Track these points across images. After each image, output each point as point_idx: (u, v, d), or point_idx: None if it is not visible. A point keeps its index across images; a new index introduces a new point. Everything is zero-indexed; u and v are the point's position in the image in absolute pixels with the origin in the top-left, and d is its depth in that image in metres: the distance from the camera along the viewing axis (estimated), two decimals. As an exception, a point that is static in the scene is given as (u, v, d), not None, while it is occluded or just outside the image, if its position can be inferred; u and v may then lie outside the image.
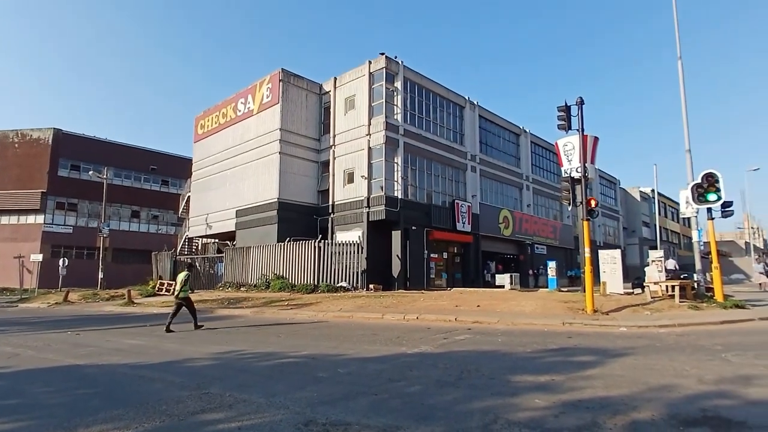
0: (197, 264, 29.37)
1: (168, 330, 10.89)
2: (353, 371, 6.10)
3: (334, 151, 26.73)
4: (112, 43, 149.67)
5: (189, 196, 34.30)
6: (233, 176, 29.17)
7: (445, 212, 27.25)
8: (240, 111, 29.40)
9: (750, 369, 5.61)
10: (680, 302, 13.20)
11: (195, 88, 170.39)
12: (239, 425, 3.94)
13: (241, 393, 5.00)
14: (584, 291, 12.75)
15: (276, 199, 25.51)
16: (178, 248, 34.56)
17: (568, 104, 12.93)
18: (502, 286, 24.14)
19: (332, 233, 25.76)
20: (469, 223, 28.32)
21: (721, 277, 14.53)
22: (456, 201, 27.87)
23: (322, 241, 22.77)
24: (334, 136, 26.84)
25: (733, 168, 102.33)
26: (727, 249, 61.09)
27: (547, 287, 24.23)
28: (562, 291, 21.01)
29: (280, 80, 26.46)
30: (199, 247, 35.15)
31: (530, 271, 32.37)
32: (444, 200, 27.77)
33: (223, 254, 27.10)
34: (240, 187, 28.34)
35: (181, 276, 11.68)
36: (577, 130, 13.03)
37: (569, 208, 14.50)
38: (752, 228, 58.87)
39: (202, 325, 11.60)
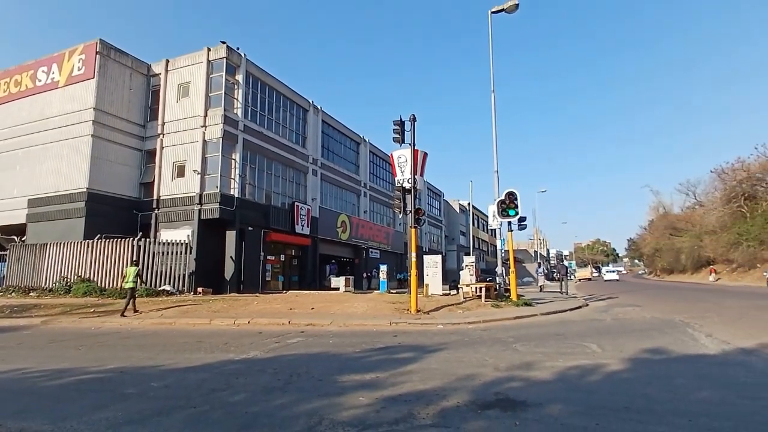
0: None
1: (134, 311, 14.01)
2: (170, 384, 5.51)
3: (162, 140, 24.12)
4: None
5: (-42, 179, 27.13)
6: (26, 158, 24.10)
7: (284, 214, 26.83)
8: (41, 81, 24.51)
9: (531, 356, 6.75)
10: (486, 301, 15.28)
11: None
12: (10, 462, 3.21)
13: (18, 421, 4.09)
14: (410, 293, 13.82)
15: (85, 189, 21.87)
16: (-63, 243, 27.01)
17: (403, 119, 13.95)
18: (338, 289, 24.78)
19: (156, 231, 23.18)
20: (308, 226, 28.38)
21: (516, 279, 17.28)
22: (296, 203, 27.68)
23: (143, 239, 20.28)
24: (163, 123, 24.25)
25: (528, 189, 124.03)
26: (521, 256, 73.06)
27: (379, 289, 25.65)
28: (392, 293, 22.49)
29: (97, 52, 22.86)
30: (-29, 243, 28.01)
31: (364, 274, 33.90)
32: (283, 202, 27.34)
33: (7, 252, 22.11)
34: (36, 171, 23.55)
35: (133, 269, 14.72)
36: (410, 144, 14.13)
37: (400, 216, 15.60)
38: (540, 239, 71.87)
39: (126, 316, 13.56)
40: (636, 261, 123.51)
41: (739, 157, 47.10)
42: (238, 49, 24.27)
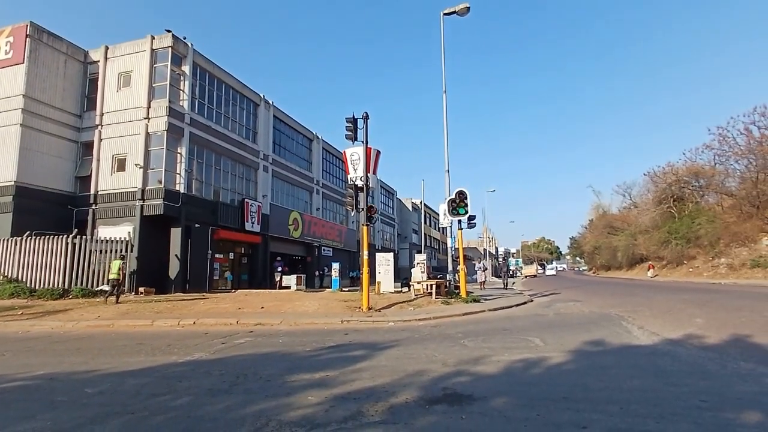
0: None
1: (107, 301, 15.70)
2: (106, 389, 5.21)
3: (100, 131, 22.75)
4: None
5: None
6: (-57, 147, 21.98)
7: (233, 211, 26.08)
8: (-40, 64, 22.43)
9: (479, 351, 6.94)
10: (436, 298, 15.56)
11: None
12: None
13: (-73, 436, 3.73)
14: (362, 290, 13.82)
15: (13, 183, 20.28)
16: None
17: (356, 117, 13.92)
18: (289, 287, 24.40)
19: (93, 228, 21.85)
20: (258, 224, 27.74)
21: (465, 277, 17.69)
22: (246, 200, 26.98)
23: (79, 236, 19.08)
24: (102, 114, 22.89)
25: (478, 189, 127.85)
26: (471, 254, 75.00)
27: (331, 287, 25.48)
28: (344, 291, 22.42)
29: (27, 36, 21.23)
30: None
31: (316, 272, 33.57)
32: (233, 198, 26.58)
33: None
34: (-46, 162, 21.53)
35: (118, 263, 16.18)
36: (362, 142, 14.12)
37: (353, 214, 15.55)
38: (489, 238, 74.10)
39: (121, 302, 15.45)
40: (578, 258, 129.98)
41: (669, 161, 50.73)
42: (184, 38, 23.29)
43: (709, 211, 41.33)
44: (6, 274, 18.64)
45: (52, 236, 19.01)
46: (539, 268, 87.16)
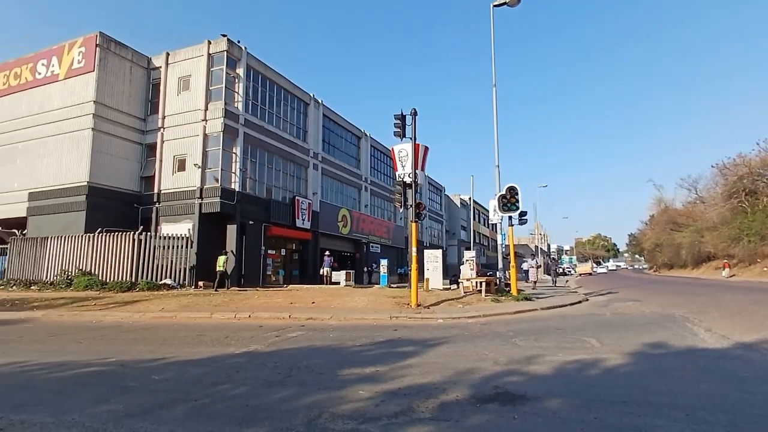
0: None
1: (216, 290, 18.80)
2: (171, 377, 5.55)
3: (162, 133, 24.09)
4: None
5: (-41, 172, 27.15)
6: (26, 151, 24.11)
7: (284, 208, 26.84)
8: (40, 74, 24.46)
9: (531, 350, 6.77)
10: (486, 296, 15.31)
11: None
12: (13, 453, 3.23)
13: (18, 414, 4.12)
14: (411, 287, 13.82)
15: (86, 183, 21.88)
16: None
17: (404, 114, 13.90)
18: (338, 283, 24.81)
19: (157, 225, 23.20)
20: (308, 220, 28.39)
21: (516, 274, 17.27)
22: (296, 197, 27.68)
23: (144, 233, 20.33)
24: (164, 117, 24.22)
25: (529, 183, 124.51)
26: (522, 251, 73.11)
27: (379, 284, 25.64)
28: (392, 287, 22.48)
29: (97, 45, 22.79)
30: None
31: (365, 269, 33.90)
32: (284, 196, 27.35)
33: (8, 245, 22.18)
34: (36, 165, 23.57)
35: (223, 258, 20.02)
36: (411, 138, 14.09)
37: (401, 210, 15.57)
38: (540, 234, 71.97)
39: (218, 291, 18.43)
40: (636, 256, 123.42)
41: (741, 153, 46.95)
42: (238, 42, 24.18)
43: (786, 206, 37.94)
44: (81, 268, 20.19)
45: (120, 233, 20.39)
46: (594, 266, 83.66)
